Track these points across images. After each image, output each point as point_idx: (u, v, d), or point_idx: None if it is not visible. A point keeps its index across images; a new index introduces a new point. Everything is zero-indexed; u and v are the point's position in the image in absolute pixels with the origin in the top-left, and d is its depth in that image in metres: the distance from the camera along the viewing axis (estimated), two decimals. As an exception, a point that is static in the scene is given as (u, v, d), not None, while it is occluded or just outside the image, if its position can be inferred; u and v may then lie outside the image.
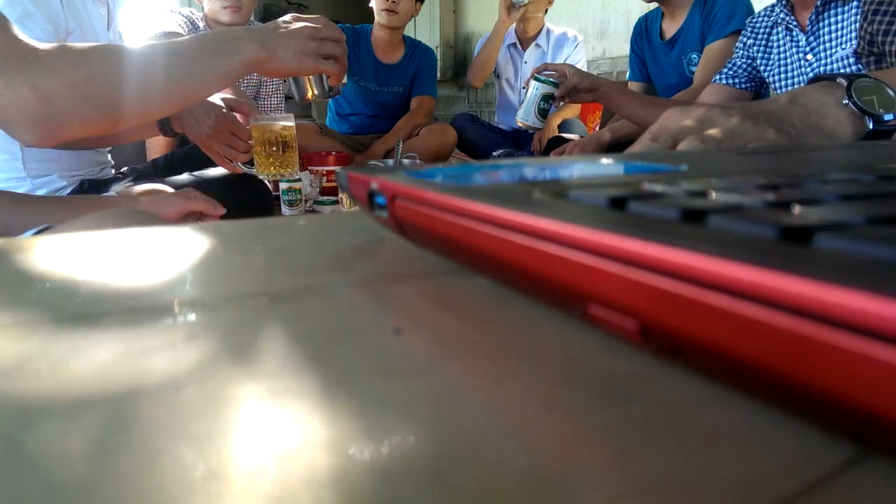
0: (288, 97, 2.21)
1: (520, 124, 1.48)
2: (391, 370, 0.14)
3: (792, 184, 0.16)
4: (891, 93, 0.43)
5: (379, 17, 2.27)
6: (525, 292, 0.17)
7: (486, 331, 0.16)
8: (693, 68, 1.75)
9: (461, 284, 0.20)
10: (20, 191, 1.09)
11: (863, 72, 0.46)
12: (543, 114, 1.43)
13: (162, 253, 0.25)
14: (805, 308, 0.08)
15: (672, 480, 0.09)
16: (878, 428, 0.08)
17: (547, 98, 1.40)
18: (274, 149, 1.22)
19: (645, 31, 1.94)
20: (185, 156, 1.56)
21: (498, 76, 2.61)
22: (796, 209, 0.13)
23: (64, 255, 0.25)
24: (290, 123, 1.24)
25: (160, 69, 0.69)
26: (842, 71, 1.14)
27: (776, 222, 0.11)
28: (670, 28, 1.85)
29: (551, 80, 1.39)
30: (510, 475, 0.10)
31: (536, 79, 1.40)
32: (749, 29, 1.44)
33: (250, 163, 1.25)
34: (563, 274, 0.13)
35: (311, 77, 0.95)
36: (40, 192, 1.13)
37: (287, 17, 0.82)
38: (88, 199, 0.95)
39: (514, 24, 2.49)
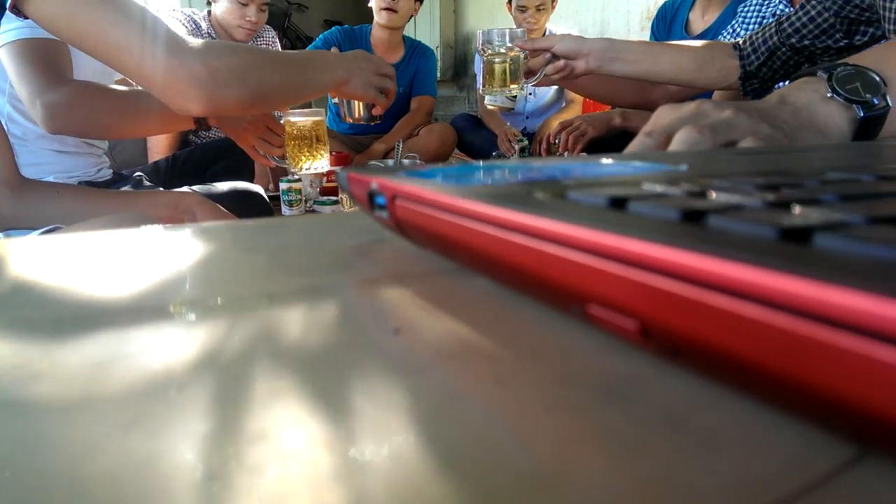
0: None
1: (490, 108, 1.31)
2: (391, 370, 0.14)
3: (792, 184, 0.16)
4: (874, 76, 0.43)
5: (378, 17, 2.27)
6: (525, 292, 0.17)
7: (486, 331, 0.16)
8: None
9: (461, 284, 0.20)
10: None
11: (838, 60, 0.46)
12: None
13: (162, 253, 0.25)
14: (805, 308, 0.08)
15: (672, 480, 0.09)
16: (878, 428, 0.08)
17: (486, 32, 1.19)
18: (306, 143, 1.29)
19: (670, 18, 1.78)
20: (187, 158, 1.57)
21: None
22: (796, 209, 0.13)
23: (64, 255, 0.25)
24: (321, 119, 1.31)
25: (286, 71, 0.88)
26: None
27: (776, 222, 0.11)
28: (700, 22, 1.69)
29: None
30: (510, 475, 0.10)
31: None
32: (740, 19, 1.40)
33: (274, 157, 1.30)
34: (563, 274, 0.13)
35: (361, 102, 1.13)
36: None
37: (359, 52, 1.02)
38: (152, 193, 1.04)
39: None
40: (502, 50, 1.09)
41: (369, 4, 2.30)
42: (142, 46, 0.73)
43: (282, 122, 1.26)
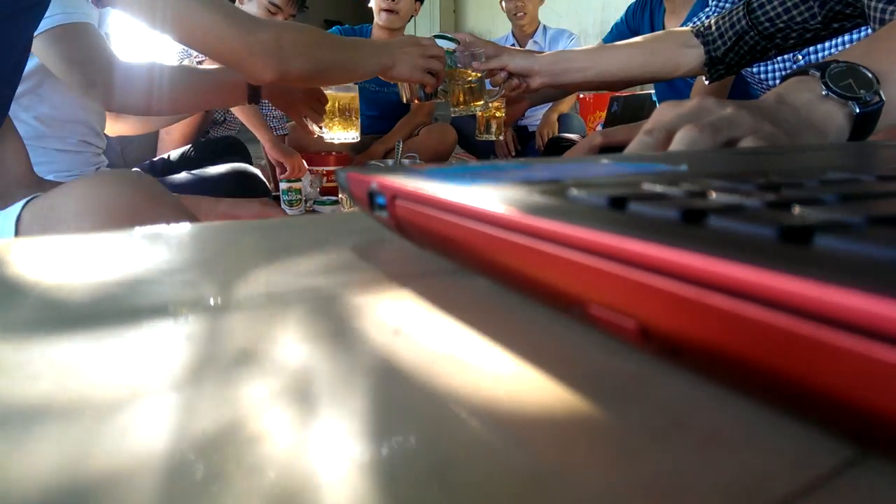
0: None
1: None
2: (391, 370, 0.14)
3: (792, 184, 0.16)
4: (866, 72, 0.43)
5: (378, 18, 2.26)
6: (525, 293, 0.17)
7: (486, 331, 0.16)
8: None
9: (461, 284, 0.20)
10: None
11: (829, 57, 0.46)
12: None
13: (162, 253, 0.25)
14: (805, 308, 0.08)
15: (672, 480, 0.09)
16: (878, 428, 0.08)
17: (450, 55, 1.19)
18: (341, 114, 1.45)
19: (649, 12, 1.77)
20: (183, 158, 1.58)
21: None
22: (796, 209, 0.13)
23: (64, 255, 0.25)
24: (355, 94, 1.47)
25: (342, 51, 0.99)
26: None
27: (776, 222, 0.11)
28: (671, 24, 1.71)
29: (448, 35, 1.21)
30: (510, 475, 0.10)
31: (436, 36, 1.22)
32: (713, 4, 1.39)
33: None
34: (563, 274, 0.13)
35: (414, 85, 1.20)
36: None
37: (407, 38, 1.11)
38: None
39: (513, 29, 2.48)
40: (464, 71, 1.16)
41: (369, 5, 2.29)
42: (222, 26, 0.85)
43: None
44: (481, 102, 1.19)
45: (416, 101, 1.25)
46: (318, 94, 1.32)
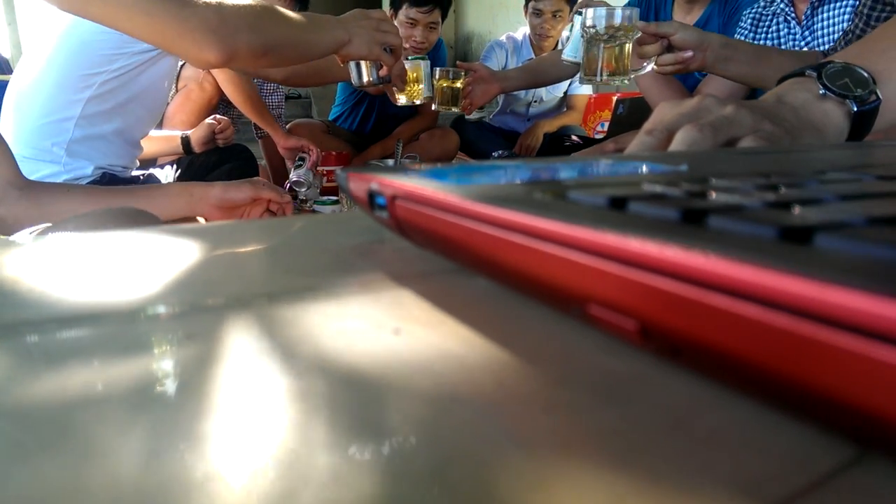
0: (288, 97, 2.22)
1: (567, 62, 1.15)
2: (391, 370, 0.14)
3: (792, 184, 0.16)
4: (861, 72, 0.43)
5: (406, 53, 2.22)
6: (525, 293, 0.17)
7: (486, 331, 0.16)
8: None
9: (461, 284, 0.20)
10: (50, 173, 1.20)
11: (826, 57, 0.46)
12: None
13: (162, 253, 0.25)
14: (805, 308, 0.08)
15: (672, 480, 0.09)
16: (878, 428, 0.08)
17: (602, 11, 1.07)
18: (411, 81, 1.47)
19: (654, 7, 1.71)
20: (191, 162, 1.61)
21: None
22: (796, 209, 0.13)
23: (64, 256, 0.25)
24: (418, 65, 1.50)
25: (294, 26, 0.90)
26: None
27: (776, 222, 0.11)
28: (684, 21, 1.65)
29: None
30: (510, 475, 0.10)
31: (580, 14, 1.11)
32: (748, 20, 1.41)
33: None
34: (563, 274, 0.13)
35: (369, 64, 1.08)
36: (65, 177, 1.21)
37: (357, 11, 0.99)
38: (164, 186, 1.08)
39: (530, 35, 2.44)
40: (617, 32, 0.92)
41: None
42: (153, 2, 0.75)
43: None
44: (625, 75, 0.96)
45: (365, 82, 1.11)
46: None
